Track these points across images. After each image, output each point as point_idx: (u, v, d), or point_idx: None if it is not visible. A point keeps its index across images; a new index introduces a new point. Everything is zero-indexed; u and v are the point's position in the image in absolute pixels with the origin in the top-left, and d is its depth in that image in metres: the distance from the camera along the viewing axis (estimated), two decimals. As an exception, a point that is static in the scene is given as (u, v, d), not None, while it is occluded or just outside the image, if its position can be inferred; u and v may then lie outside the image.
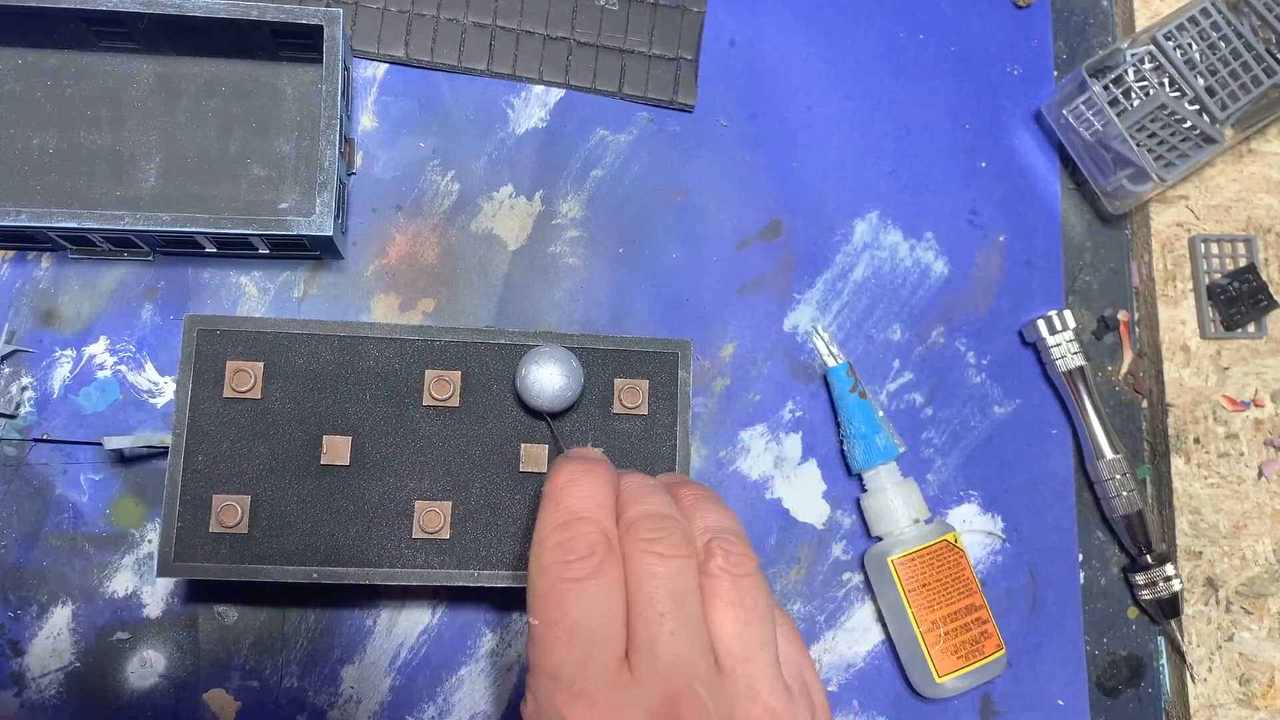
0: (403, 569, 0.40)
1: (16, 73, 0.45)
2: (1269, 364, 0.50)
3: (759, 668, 0.31)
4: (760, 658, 0.31)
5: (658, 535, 0.32)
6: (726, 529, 0.33)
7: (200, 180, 0.45)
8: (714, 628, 0.31)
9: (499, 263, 0.48)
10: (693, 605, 0.31)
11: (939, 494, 0.49)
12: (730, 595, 0.31)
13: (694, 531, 0.33)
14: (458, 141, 0.49)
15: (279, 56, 0.46)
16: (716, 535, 0.33)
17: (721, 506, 0.35)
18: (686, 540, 0.32)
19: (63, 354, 0.45)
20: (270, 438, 0.40)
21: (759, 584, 0.32)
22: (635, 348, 0.43)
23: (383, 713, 0.44)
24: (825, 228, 0.50)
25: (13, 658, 0.43)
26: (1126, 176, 0.49)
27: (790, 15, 0.52)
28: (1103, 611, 0.49)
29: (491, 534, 0.41)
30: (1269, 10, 0.49)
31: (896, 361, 0.50)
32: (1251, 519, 0.49)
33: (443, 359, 0.42)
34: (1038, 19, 0.54)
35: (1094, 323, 0.51)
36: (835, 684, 0.47)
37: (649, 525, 0.32)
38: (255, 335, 0.41)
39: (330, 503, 0.40)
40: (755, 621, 0.31)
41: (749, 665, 0.31)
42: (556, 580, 0.31)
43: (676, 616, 0.30)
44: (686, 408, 0.43)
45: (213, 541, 0.39)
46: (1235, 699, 0.48)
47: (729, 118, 0.51)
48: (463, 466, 0.41)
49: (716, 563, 0.32)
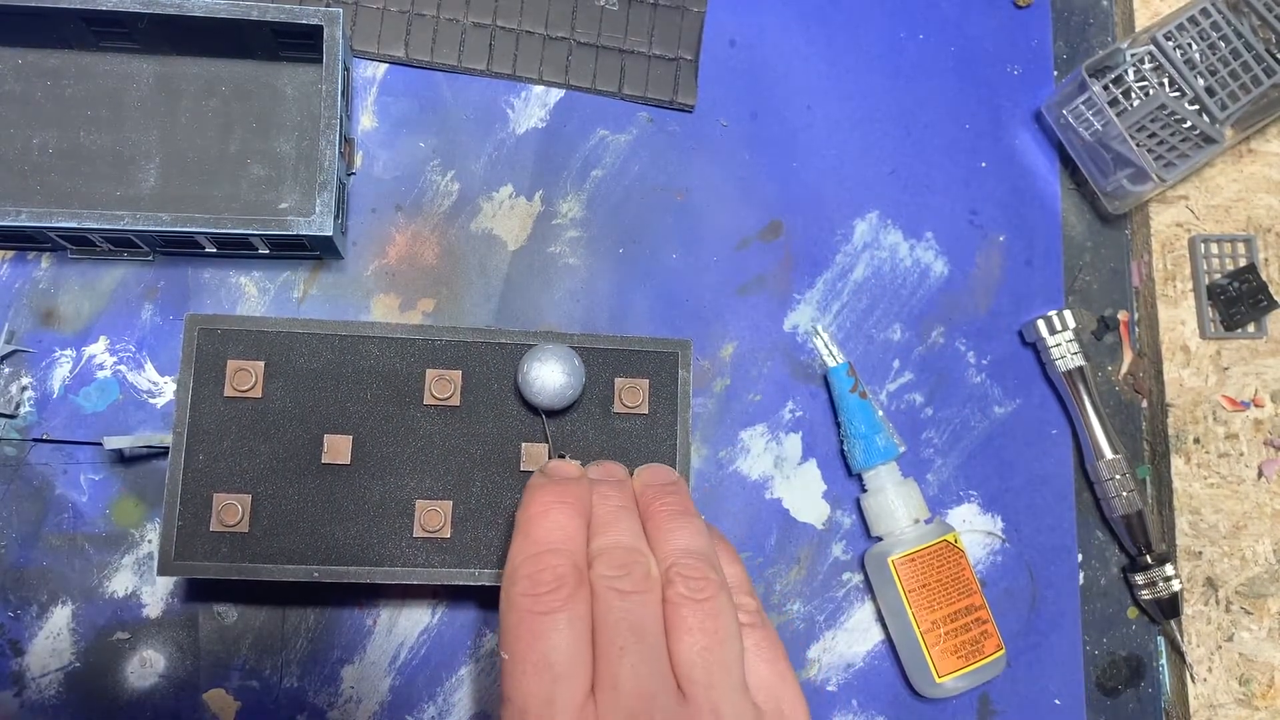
0: (403, 568, 0.40)
1: (16, 73, 0.45)
2: (1269, 364, 0.50)
3: (723, 692, 0.31)
4: (724, 681, 0.31)
5: (619, 573, 0.32)
6: (690, 550, 0.34)
7: (200, 180, 0.45)
8: (676, 655, 0.31)
9: (499, 263, 0.48)
10: (654, 637, 0.31)
11: (939, 494, 0.49)
12: (692, 621, 0.32)
13: (659, 555, 0.34)
14: (458, 141, 0.49)
15: (279, 56, 0.46)
16: (678, 561, 0.33)
17: (691, 521, 0.35)
18: (647, 574, 0.33)
19: (63, 354, 0.45)
20: (271, 437, 0.40)
21: (720, 606, 0.32)
22: (636, 347, 0.43)
23: (383, 713, 0.44)
24: (825, 228, 0.50)
25: (13, 658, 0.43)
26: (1126, 176, 0.49)
27: (790, 15, 0.52)
28: (1102, 611, 0.49)
29: (492, 533, 0.41)
30: (1269, 10, 0.49)
31: (896, 361, 0.50)
32: (1251, 519, 0.49)
33: (444, 358, 0.42)
34: (1038, 19, 0.54)
35: (1094, 323, 0.51)
36: (835, 684, 0.47)
37: (610, 562, 0.33)
38: (256, 334, 0.41)
39: (331, 502, 0.40)
40: (718, 645, 0.32)
41: (712, 690, 0.31)
42: (524, 614, 0.31)
43: (637, 650, 0.31)
44: (687, 407, 0.43)
45: (213, 540, 0.39)
46: (1235, 699, 0.48)
47: (729, 118, 0.51)
48: (463, 465, 0.41)
49: (677, 590, 0.32)
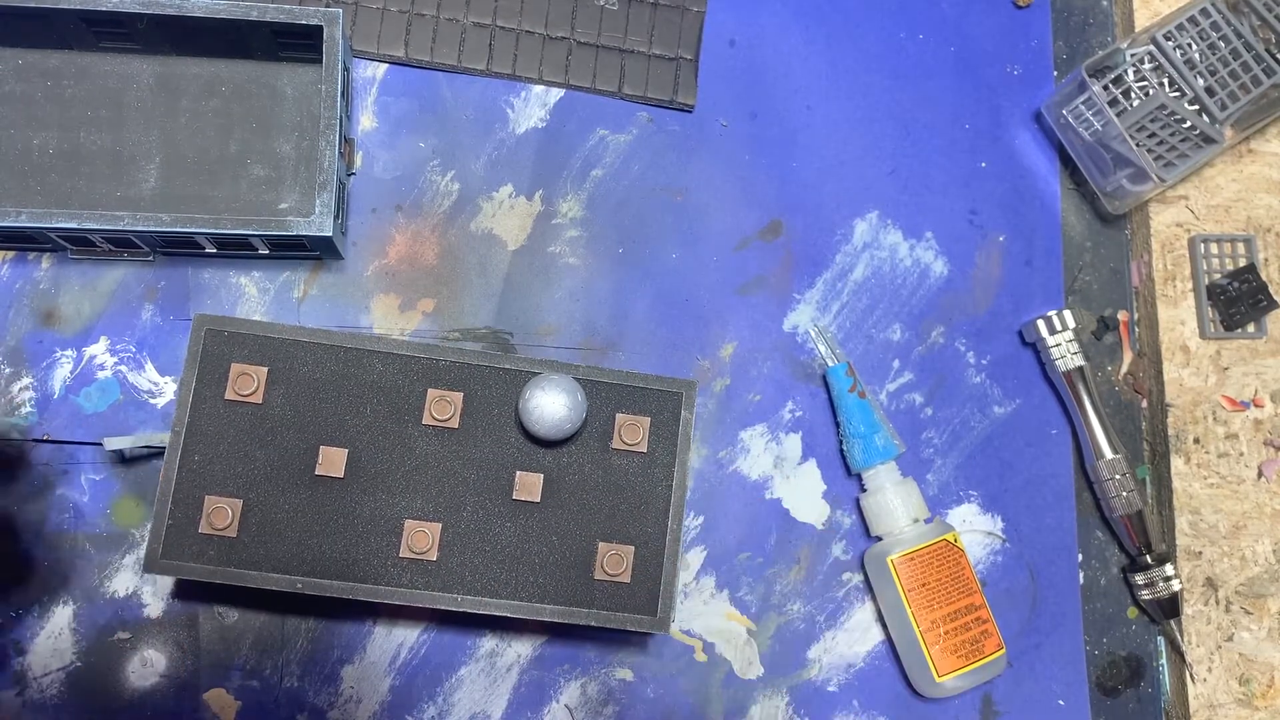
0: (387, 587, 0.40)
1: (16, 73, 0.45)
2: (1269, 364, 0.50)
3: None
4: None
5: None
6: None
7: (200, 180, 0.45)
8: None
9: (499, 263, 0.48)
10: None
11: (939, 494, 0.49)
12: None
13: None
14: (458, 141, 0.49)
15: (279, 57, 0.46)
16: None
17: None
18: None
19: (63, 354, 0.45)
20: (267, 443, 0.40)
21: None
22: (640, 384, 0.42)
23: (383, 713, 0.44)
24: (825, 228, 0.50)
25: (14, 657, 0.43)
26: (1126, 176, 0.49)
27: (790, 15, 0.52)
28: (1103, 611, 0.49)
29: (479, 560, 0.41)
30: (1269, 10, 0.49)
31: (896, 361, 0.50)
32: (1251, 519, 0.49)
33: (446, 379, 0.42)
34: (1038, 19, 0.54)
35: (1094, 323, 0.51)
36: (836, 684, 0.47)
37: None
38: (262, 340, 0.41)
39: (321, 514, 0.40)
40: None
41: None
42: None
43: None
44: (686, 449, 0.42)
45: (201, 542, 0.39)
46: (1235, 699, 0.48)
47: (729, 118, 0.51)
48: (456, 489, 0.41)
49: None
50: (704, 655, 0.46)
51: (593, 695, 0.45)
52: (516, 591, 0.40)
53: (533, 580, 0.41)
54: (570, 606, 0.41)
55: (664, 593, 0.41)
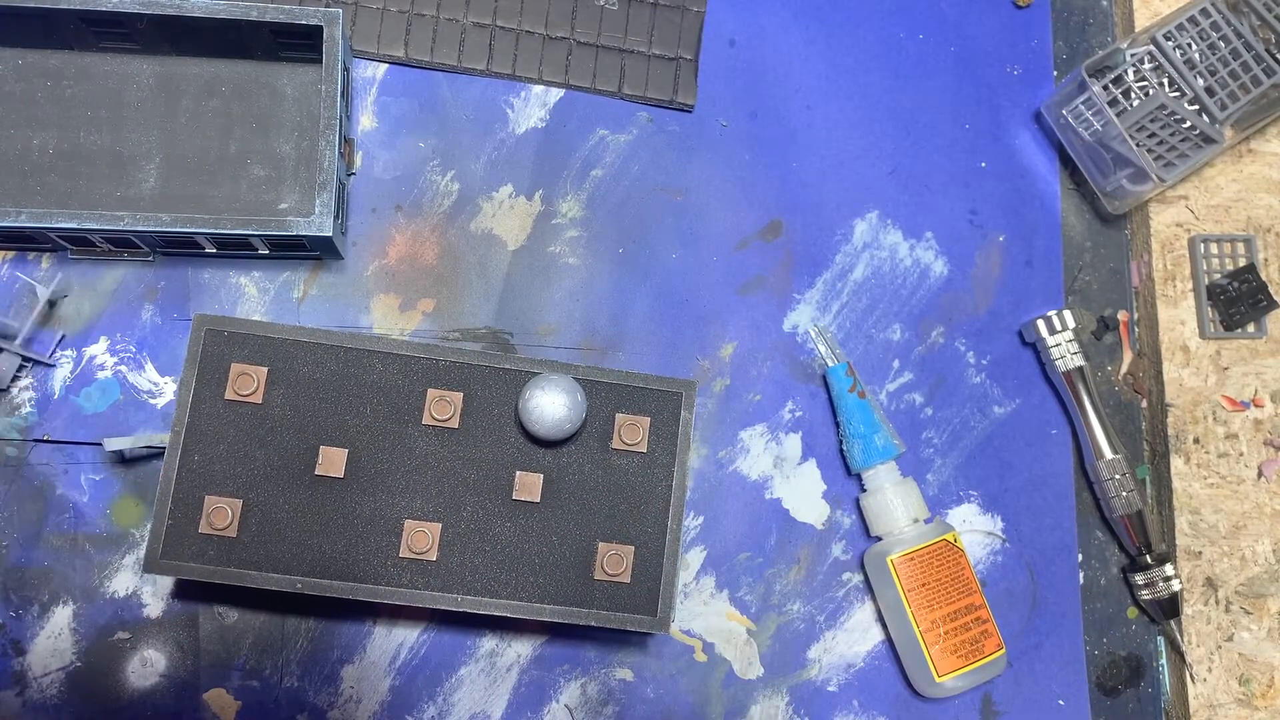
0: (387, 587, 0.40)
1: (16, 73, 0.45)
2: (1268, 364, 0.50)
3: None
4: None
5: None
6: None
7: (200, 180, 0.45)
8: None
9: (499, 263, 0.48)
10: None
11: (939, 494, 0.49)
12: None
13: None
14: (457, 141, 0.49)
15: (279, 57, 0.46)
16: None
17: None
18: None
19: (63, 354, 0.45)
20: (267, 443, 0.40)
21: None
22: (639, 384, 0.42)
23: (383, 713, 0.44)
24: (825, 228, 0.50)
25: (14, 657, 0.43)
26: (1126, 176, 0.49)
27: (790, 15, 0.52)
28: (1103, 611, 0.49)
29: (479, 559, 0.41)
30: (1269, 10, 0.49)
31: (896, 361, 0.50)
32: (1251, 519, 0.49)
33: (447, 379, 0.42)
34: (1038, 19, 0.54)
35: (1094, 323, 0.51)
36: (836, 684, 0.47)
37: None
38: (262, 340, 0.41)
39: (320, 514, 0.40)
40: None
41: None
42: None
43: None
44: (686, 449, 0.42)
45: (200, 542, 0.39)
46: (1235, 699, 0.48)
47: (729, 118, 0.51)
48: (455, 489, 0.41)
49: None
50: (704, 655, 0.46)
51: (593, 695, 0.45)
52: (516, 591, 0.40)
53: (532, 580, 0.41)
54: (570, 606, 0.41)
55: (664, 593, 0.41)
